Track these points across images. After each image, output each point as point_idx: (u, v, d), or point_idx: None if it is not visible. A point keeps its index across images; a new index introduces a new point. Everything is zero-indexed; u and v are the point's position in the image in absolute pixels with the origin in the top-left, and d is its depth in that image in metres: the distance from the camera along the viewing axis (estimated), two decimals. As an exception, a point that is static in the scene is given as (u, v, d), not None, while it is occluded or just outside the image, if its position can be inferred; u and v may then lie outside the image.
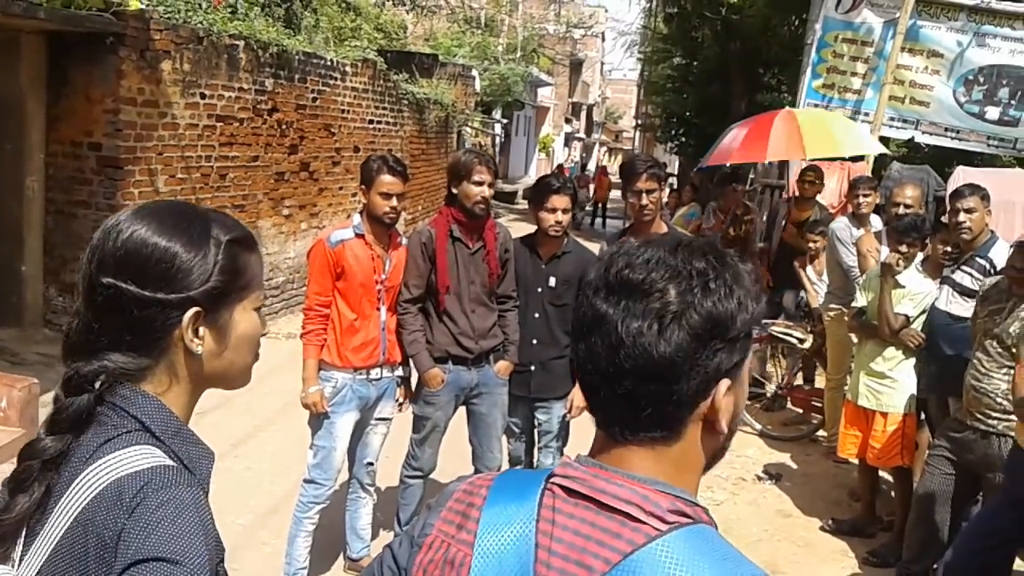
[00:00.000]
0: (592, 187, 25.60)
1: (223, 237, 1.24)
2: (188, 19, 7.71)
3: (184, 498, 1.10)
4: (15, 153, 6.90)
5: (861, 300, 4.98)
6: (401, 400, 4.14)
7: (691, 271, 0.98)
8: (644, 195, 4.06)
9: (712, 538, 0.97)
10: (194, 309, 1.19)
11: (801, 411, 7.02)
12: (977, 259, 4.48)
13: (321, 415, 3.81)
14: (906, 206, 5.47)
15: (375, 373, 3.92)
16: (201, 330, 1.21)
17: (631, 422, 1.00)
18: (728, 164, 7.64)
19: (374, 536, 4.29)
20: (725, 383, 0.99)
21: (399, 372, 4.07)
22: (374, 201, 3.79)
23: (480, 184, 3.89)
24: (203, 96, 7.93)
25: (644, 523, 0.95)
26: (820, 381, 7.07)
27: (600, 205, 25.64)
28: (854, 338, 5.31)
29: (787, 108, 8.57)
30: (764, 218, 9.49)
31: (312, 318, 3.83)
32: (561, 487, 1.01)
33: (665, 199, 4.24)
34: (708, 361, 0.97)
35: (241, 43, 8.43)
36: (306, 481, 3.90)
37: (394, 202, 3.79)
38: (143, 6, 7.14)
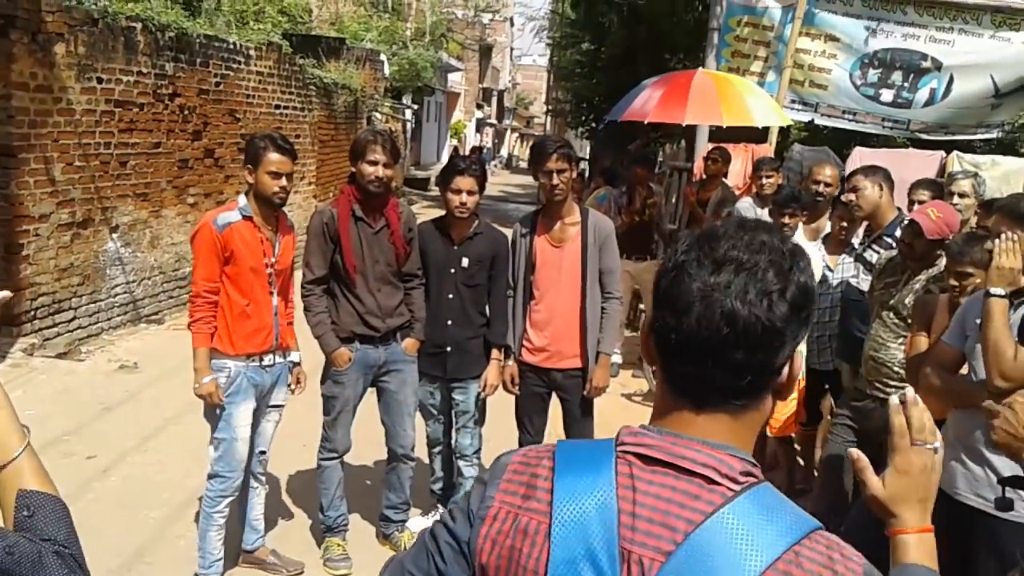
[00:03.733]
0: None
1: None
2: (82, 0, 7.42)
3: None
4: None
5: None
6: (294, 385, 4.01)
7: (784, 251, 1.09)
8: (555, 175, 4.07)
9: (773, 496, 1.06)
10: None
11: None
12: (884, 237, 4.62)
13: (217, 406, 3.69)
14: (826, 184, 5.65)
15: (268, 359, 3.82)
16: None
17: (728, 392, 1.08)
18: (646, 122, 7.64)
19: (271, 527, 4.17)
20: (802, 348, 1.10)
21: (291, 357, 3.97)
22: (262, 181, 3.66)
23: (375, 164, 3.87)
24: (100, 81, 7.65)
25: (720, 484, 1.04)
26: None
27: None
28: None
29: (702, 69, 8.62)
30: (674, 200, 9.66)
31: (200, 305, 3.68)
32: (636, 455, 1.08)
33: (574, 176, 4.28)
34: (798, 329, 1.08)
35: (139, 26, 8.15)
36: (211, 476, 3.78)
37: (283, 181, 3.68)
38: (33, -14, 6.84)
